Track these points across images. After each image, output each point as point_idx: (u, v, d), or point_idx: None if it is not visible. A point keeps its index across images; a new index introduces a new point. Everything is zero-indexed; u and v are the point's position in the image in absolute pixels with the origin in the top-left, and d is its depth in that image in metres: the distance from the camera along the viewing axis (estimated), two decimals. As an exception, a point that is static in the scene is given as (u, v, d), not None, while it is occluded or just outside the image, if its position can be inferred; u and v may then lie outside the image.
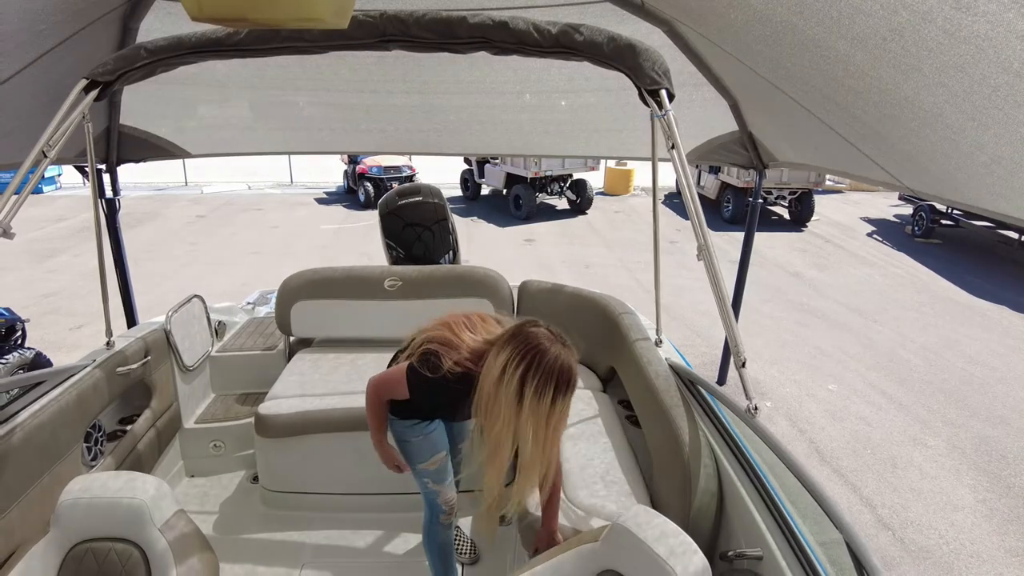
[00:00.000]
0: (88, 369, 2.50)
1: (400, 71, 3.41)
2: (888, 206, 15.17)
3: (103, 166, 4.11)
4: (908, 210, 13.30)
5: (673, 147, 1.91)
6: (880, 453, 4.88)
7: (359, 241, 11.17)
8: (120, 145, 4.07)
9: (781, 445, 1.58)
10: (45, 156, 2.02)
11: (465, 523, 3.04)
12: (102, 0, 2.51)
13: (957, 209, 11.44)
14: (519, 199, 13.30)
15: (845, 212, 14.53)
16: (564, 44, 2.13)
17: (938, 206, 11.85)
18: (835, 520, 1.35)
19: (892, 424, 5.30)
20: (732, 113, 3.80)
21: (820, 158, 3.37)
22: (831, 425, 5.26)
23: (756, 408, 1.69)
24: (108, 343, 2.75)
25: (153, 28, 2.94)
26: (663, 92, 2.00)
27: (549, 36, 2.12)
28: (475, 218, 13.38)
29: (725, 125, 3.96)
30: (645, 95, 2.05)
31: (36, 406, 2.17)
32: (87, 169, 3.91)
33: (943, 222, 11.84)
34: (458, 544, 2.84)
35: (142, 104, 3.77)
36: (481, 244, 11.18)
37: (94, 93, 2.18)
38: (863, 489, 4.44)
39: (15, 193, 1.96)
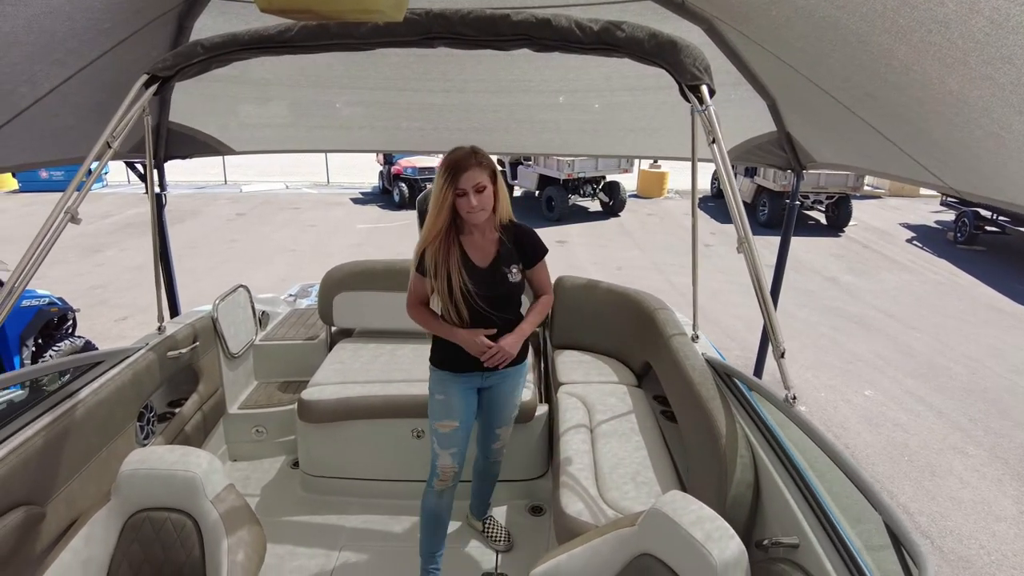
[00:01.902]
0: (142, 351, 2.62)
1: (440, 69, 3.48)
2: (929, 212, 14.81)
3: (152, 162, 4.27)
4: (950, 216, 12.98)
5: (714, 141, 1.94)
6: (918, 460, 4.79)
7: (394, 240, 11.33)
8: (168, 142, 4.22)
9: (819, 432, 1.59)
10: (109, 147, 2.13)
11: (500, 512, 3.09)
12: (163, -1, 2.62)
13: (1003, 215, 11.13)
14: (551, 200, 13.34)
15: (883, 218, 14.23)
16: (606, 41, 2.16)
17: (983, 212, 11.54)
18: (874, 501, 1.36)
19: (931, 432, 5.20)
20: (770, 113, 3.78)
21: (860, 158, 3.34)
22: (867, 431, 5.18)
23: (795, 397, 1.70)
24: (160, 328, 2.87)
25: (206, 27, 3.06)
26: (704, 88, 2.03)
27: (591, 33, 2.16)
28: (507, 219, 13.44)
29: (762, 125, 3.94)
30: (686, 91, 2.07)
31: (96, 384, 2.29)
32: (137, 165, 4.07)
33: (988, 228, 11.53)
34: (492, 533, 2.91)
35: (189, 102, 3.91)
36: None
37: (154, 87, 2.29)
38: (900, 496, 4.36)
39: (77, 187, 2.08)
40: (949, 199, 12.59)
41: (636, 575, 1.57)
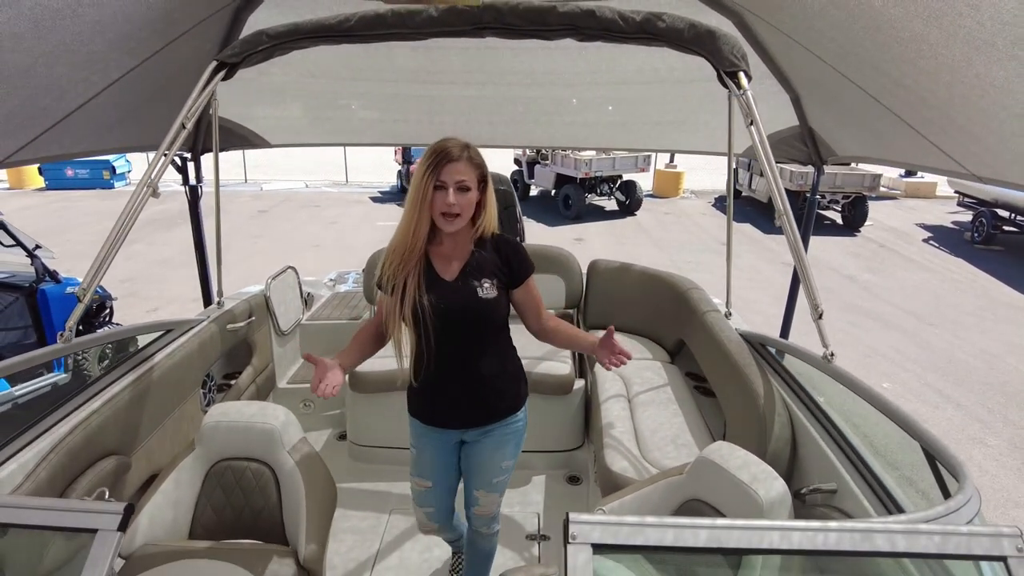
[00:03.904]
0: (206, 322, 2.79)
1: (477, 63, 3.62)
2: (945, 212, 14.78)
3: (189, 154, 4.44)
4: (967, 216, 12.96)
5: (752, 123, 2.07)
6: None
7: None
8: (206, 135, 4.38)
9: (858, 381, 1.72)
10: (184, 127, 2.29)
11: (539, 481, 3.22)
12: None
13: (1022, 215, 11.12)
14: (568, 199, 13.47)
15: (900, 218, 14.24)
16: (647, 30, 2.29)
17: (1000, 212, 11.53)
18: (913, 431, 1.48)
19: (950, 423, 5.28)
20: (793, 107, 3.90)
21: (882, 149, 3.44)
22: (885, 422, 5.27)
23: (832, 355, 1.82)
24: (219, 303, 3.03)
25: (259, 20, 3.22)
26: (741, 74, 2.16)
27: (633, 23, 2.29)
28: (525, 218, 13.57)
29: (785, 120, 4.05)
30: (724, 77, 2.20)
31: (169, 349, 2.46)
32: (176, 160, 4.23)
33: (1005, 228, 11.52)
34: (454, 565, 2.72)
35: (229, 96, 4.07)
36: (531, 242, 11.37)
37: (222, 74, 2.44)
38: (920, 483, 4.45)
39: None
40: (967, 199, 12.57)
41: (685, 517, 1.71)
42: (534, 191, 15.95)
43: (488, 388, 1.99)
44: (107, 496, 1.88)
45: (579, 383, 3.29)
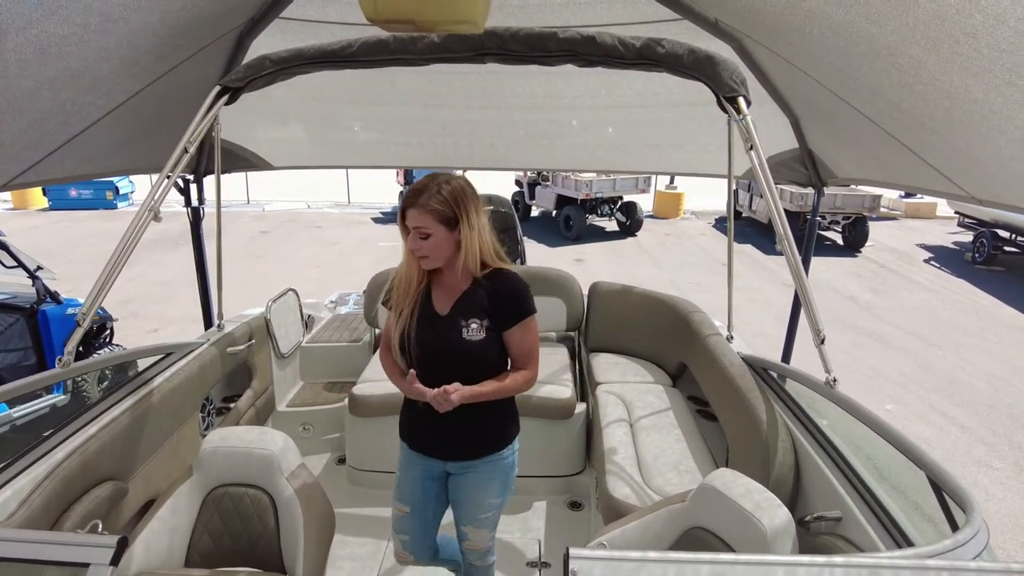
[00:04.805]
0: (205, 346, 2.78)
1: (478, 86, 3.65)
2: (946, 233, 14.80)
3: (191, 176, 4.47)
4: (968, 237, 12.97)
5: (752, 148, 2.07)
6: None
7: (414, 258, 11.52)
8: (209, 157, 4.41)
9: (861, 407, 1.70)
10: (187, 151, 2.30)
11: (539, 507, 3.19)
12: (236, 11, 2.81)
13: (1022, 235, 11.13)
14: (569, 220, 13.51)
15: (900, 238, 14.26)
16: (647, 56, 2.31)
17: (1001, 233, 11.55)
18: (918, 460, 1.46)
19: (955, 445, 5.23)
20: (793, 130, 3.92)
21: (882, 172, 3.45)
22: (888, 445, 5.22)
23: (835, 380, 1.81)
24: (219, 325, 3.03)
25: (262, 44, 3.25)
26: (740, 99, 2.17)
27: (633, 49, 2.31)
28: (526, 238, 13.60)
29: (785, 142, 4.08)
30: (723, 102, 2.22)
31: (168, 372, 2.45)
32: (178, 181, 4.24)
33: (1006, 249, 11.53)
34: None
35: (231, 119, 4.10)
36: (532, 263, 11.39)
37: (225, 98, 2.46)
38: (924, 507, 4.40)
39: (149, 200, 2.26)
40: (967, 220, 12.60)
41: (688, 547, 1.68)
42: (535, 212, 16.01)
43: (474, 425, 1.96)
44: (100, 529, 1.85)
45: (580, 407, 3.26)
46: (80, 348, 5.63)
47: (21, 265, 5.04)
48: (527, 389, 1.98)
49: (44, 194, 16.46)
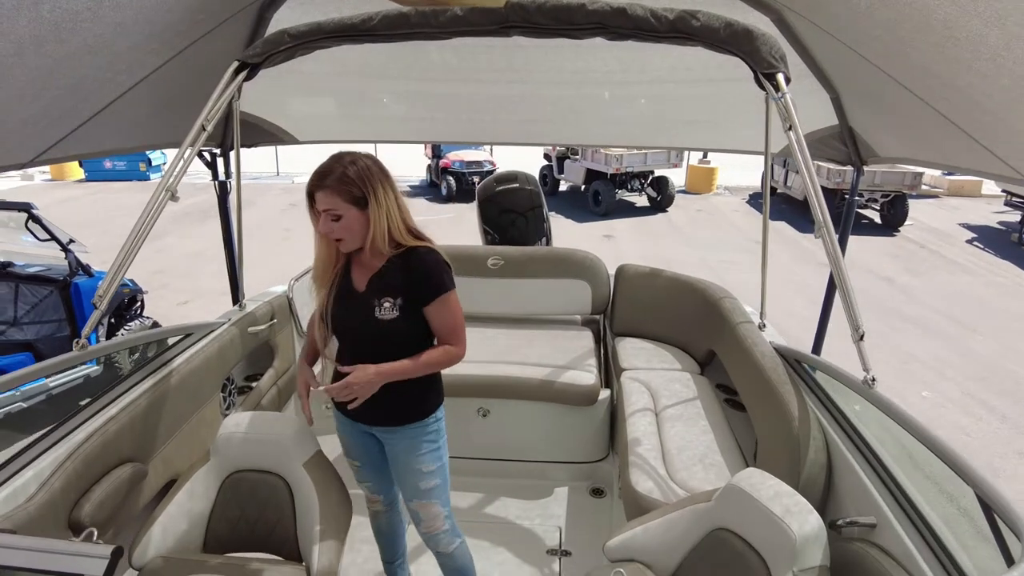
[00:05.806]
0: (226, 326, 2.77)
1: (506, 60, 3.54)
2: (991, 212, 14.24)
3: (218, 150, 4.46)
4: (1015, 216, 12.46)
5: (791, 128, 1.95)
6: (979, 463, 4.67)
7: (442, 232, 11.50)
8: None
9: (902, 411, 1.60)
10: (204, 130, 2.26)
11: (561, 493, 3.16)
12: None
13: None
14: (598, 195, 13.31)
15: (942, 218, 13.76)
16: (680, 29, 2.18)
17: (1051, 212, 11.07)
18: (965, 475, 1.37)
19: (994, 436, 5.05)
20: (833, 107, 3.74)
21: (927, 152, 3.27)
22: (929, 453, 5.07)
23: (874, 379, 1.71)
24: (241, 305, 3.02)
25: (283, 18, 3.19)
26: (780, 76, 2.04)
27: (666, 21, 2.18)
28: (553, 213, 13.49)
29: (824, 119, 3.90)
30: (761, 79, 2.09)
31: (187, 353, 2.44)
32: (204, 154, 4.24)
33: (1057, 230, 11.06)
34: None
35: (256, 92, 4.06)
36: (559, 239, 11.25)
37: (244, 73, 2.41)
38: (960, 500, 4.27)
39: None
40: (1015, 199, 12.07)
41: (713, 548, 1.62)
42: (563, 186, 15.81)
43: (391, 397, 1.95)
44: (95, 537, 1.85)
45: (604, 393, 3.20)
46: (112, 320, 5.78)
47: (54, 238, 5.13)
48: (452, 364, 1.99)
49: (80, 165, 16.78)
